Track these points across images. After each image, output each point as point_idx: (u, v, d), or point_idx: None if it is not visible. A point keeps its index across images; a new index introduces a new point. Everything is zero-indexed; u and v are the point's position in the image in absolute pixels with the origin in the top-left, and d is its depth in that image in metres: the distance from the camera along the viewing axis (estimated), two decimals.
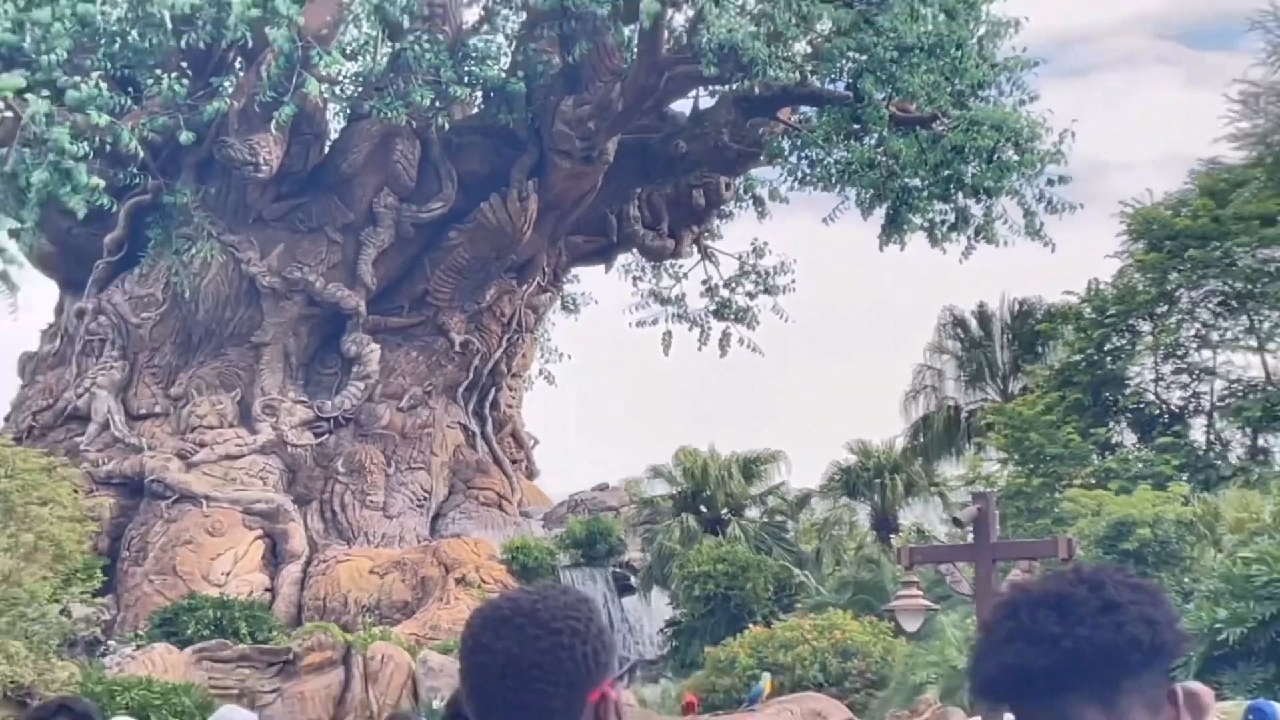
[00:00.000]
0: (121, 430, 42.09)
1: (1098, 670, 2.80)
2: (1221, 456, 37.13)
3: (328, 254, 42.43)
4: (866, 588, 34.62)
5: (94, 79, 38.54)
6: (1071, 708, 2.82)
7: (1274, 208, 37.44)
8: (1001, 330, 43.85)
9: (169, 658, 35.37)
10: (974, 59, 40.07)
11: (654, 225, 45.08)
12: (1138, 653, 2.77)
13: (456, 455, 43.91)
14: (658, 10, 38.90)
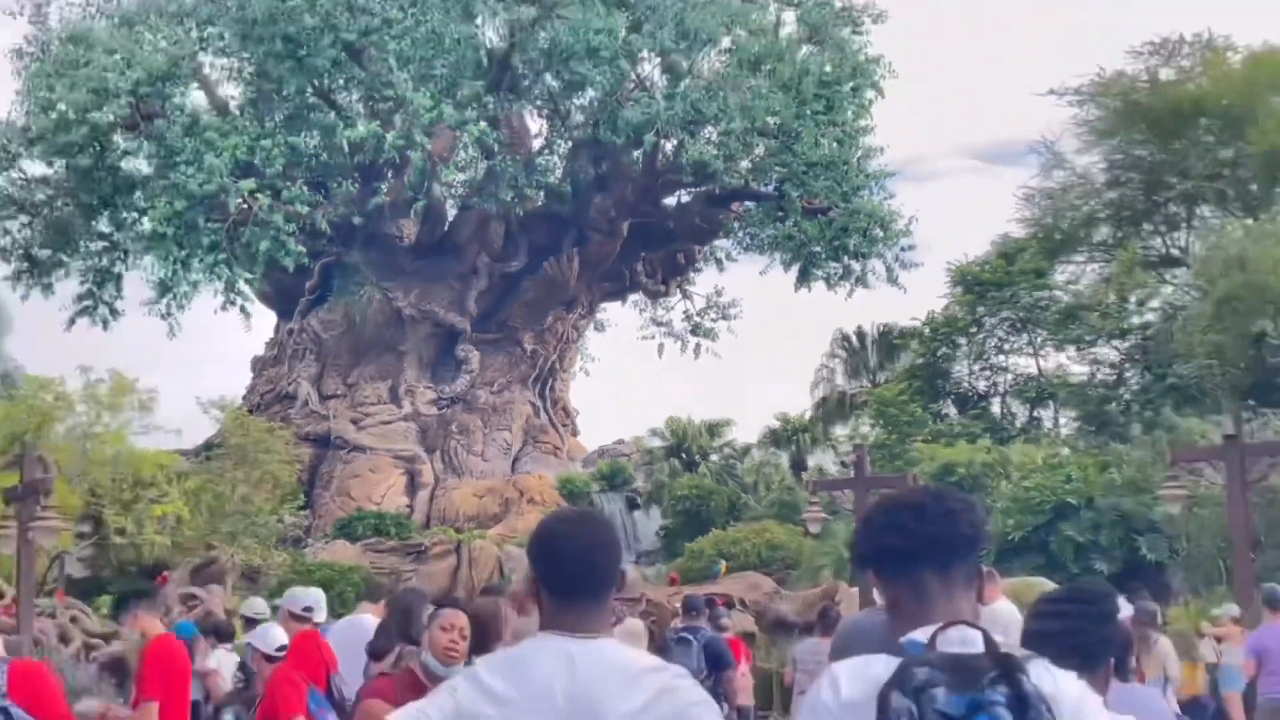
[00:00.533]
0: (316, 406, 42.75)
1: (938, 553, 2.91)
2: (1010, 423, 37.66)
3: (447, 294, 42.84)
4: (787, 506, 35.12)
5: (299, 183, 39.01)
6: (920, 576, 2.91)
7: (1044, 265, 38.17)
8: (872, 343, 43.95)
9: (345, 550, 36.05)
10: (855, 171, 40.56)
11: (652, 276, 45.53)
12: (964, 543, 2.92)
13: (527, 422, 44.27)
14: (655, 141, 39.57)
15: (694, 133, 39.70)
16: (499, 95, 40.31)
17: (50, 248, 42.61)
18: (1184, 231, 39.69)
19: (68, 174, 41.36)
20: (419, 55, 39.15)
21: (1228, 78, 36.08)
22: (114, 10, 42.98)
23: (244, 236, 38.50)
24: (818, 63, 40.69)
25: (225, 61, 43.20)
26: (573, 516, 3.80)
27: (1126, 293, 35.11)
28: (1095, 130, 39.14)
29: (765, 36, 41.02)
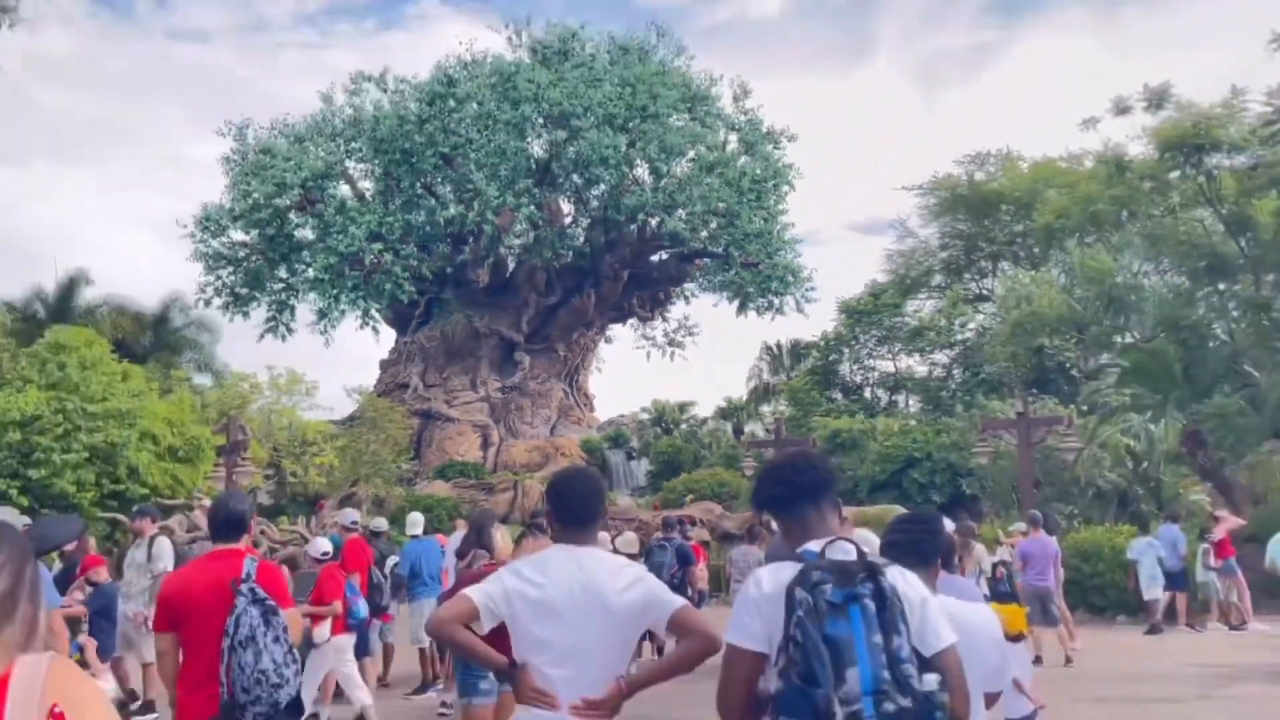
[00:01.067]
0: (422, 392, 42.64)
1: (810, 494, 2.90)
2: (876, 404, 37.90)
3: (508, 319, 42.85)
4: (730, 459, 35.21)
5: (411, 245, 39.24)
6: (801, 510, 2.89)
7: (899, 300, 38.38)
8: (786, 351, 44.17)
9: (440, 486, 35.95)
10: (776, 239, 40.62)
11: (643, 308, 45.38)
12: (825, 485, 2.94)
13: (560, 403, 44.17)
14: (644, 219, 39.91)
15: (670, 213, 39.69)
16: (542, 188, 40.40)
17: (247, 288, 42.63)
18: (990, 278, 39.94)
19: (259, 239, 41.42)
20: (490, 161, 39.35)
21: (1019, 178, 36.31)
22: (289, 132, 43.02)
23: (375, 281, 39.18)
24: (751, 168, 40.79)
25: (363, 165, 43.25)
26: (574, 472, 3.81)
27: (953, 319, 35.22)
28: (932, 212, 39.33)
29: (717, 150, 41.18)
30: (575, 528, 3.49)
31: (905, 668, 2.57)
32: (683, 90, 41.68)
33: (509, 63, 41.82)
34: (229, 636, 4.56)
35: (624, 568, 3.48)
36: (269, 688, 4.53)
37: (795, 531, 2.90)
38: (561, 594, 3.32)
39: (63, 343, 23.19)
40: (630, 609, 3.32)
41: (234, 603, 4.61)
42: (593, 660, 3.29)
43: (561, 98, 39.06)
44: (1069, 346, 30.01)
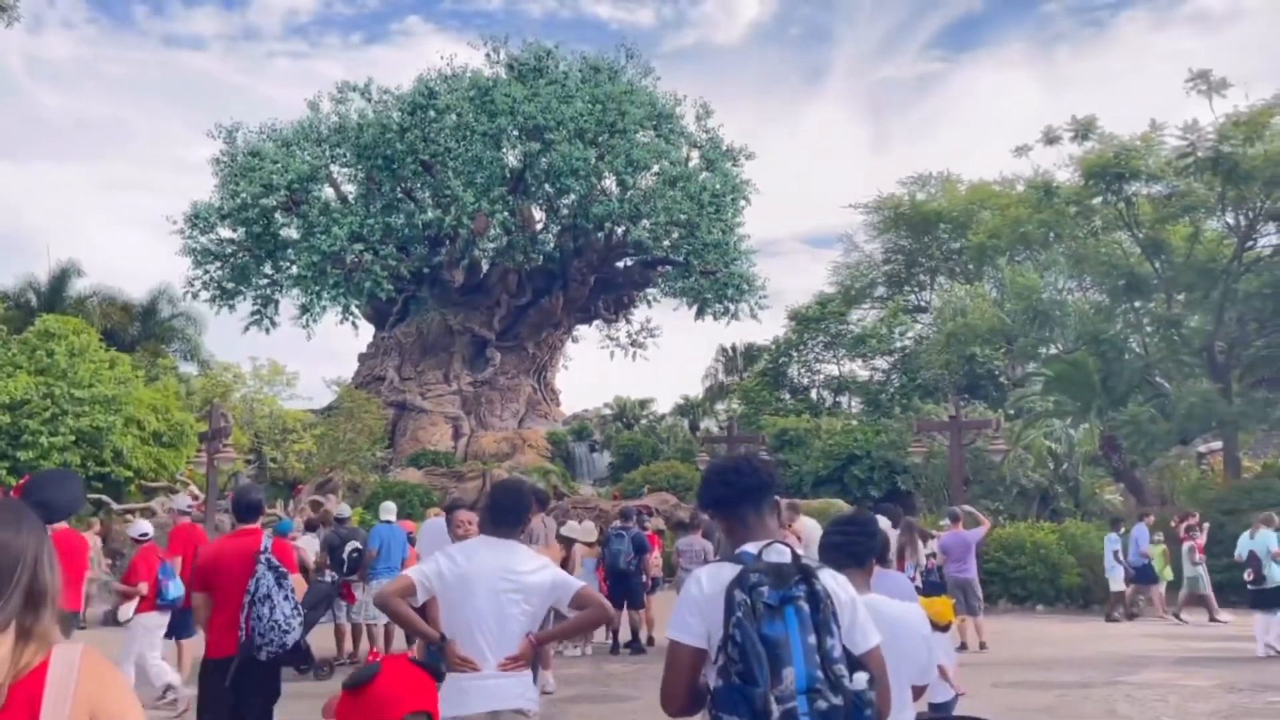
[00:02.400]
0: (397, 384, 42.10)
1: (751, 496, 2.85)
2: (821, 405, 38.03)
3: (480, 317, 42.43)
4: (686, 452, 35.19)
5: (390, 246, 38.75)
6: (743, 511, 2.84)
7: (844, 309, 38.45)
8: (739, 354, 44.24)
9: (413, 474, 35.55)
10: (732, 249, 40.49)
11: (608, 310, 45.15)
12: (766, 489, 2.87)
13: (528, 397, 43.83)
14: (611, 227, 39.62)
15: (635, 222, 39.58)
16: (516, 196, 40.04)
17: (234, 283, 41.83)
18: (928, 291, 40.26)
19: (246, 237, 40.66)
20: (467, 169, 38.97)
21: (957, 198, 36.61)
22: (277, 136, 42.35)
23: (355, 279, 38.74)
24: (711, 183, 40.65)
25: (346, 170, 42.64)
26: (510, 483, 4.46)
27: (893, 328, 35.43)
28: (876, 228, 39.54)
29: (679, 165, 40.97)
30: (502, 526, 4.04)
31: (837, 667, 2.55)
32: (649, 108, 41.55)
33: (487, 78, 41.49)
34: (250, 594, 5.49)
35: (534, 557, 4.04)
36: (280, 633, 5.44)
37: (736, 532, 2.86)
38: (483, 574, 3.82)
39: (52, 330, 22.68)
40: (540, 587, 3.88)
41: (255, 569, 5.54)
42: (508, 630, 3.81)
43: (535, 112, 38.80)
44: (998, 356, 30.33)
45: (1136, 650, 13.40)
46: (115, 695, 1.84)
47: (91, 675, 1.82)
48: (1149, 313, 20.39)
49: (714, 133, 43.09)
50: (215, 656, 5.59)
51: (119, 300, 35.08)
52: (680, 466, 32.46)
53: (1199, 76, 19.10)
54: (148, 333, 35.24)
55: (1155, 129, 20.03)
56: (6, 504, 1.97)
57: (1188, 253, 20.38)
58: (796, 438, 29.18)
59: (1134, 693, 10.35)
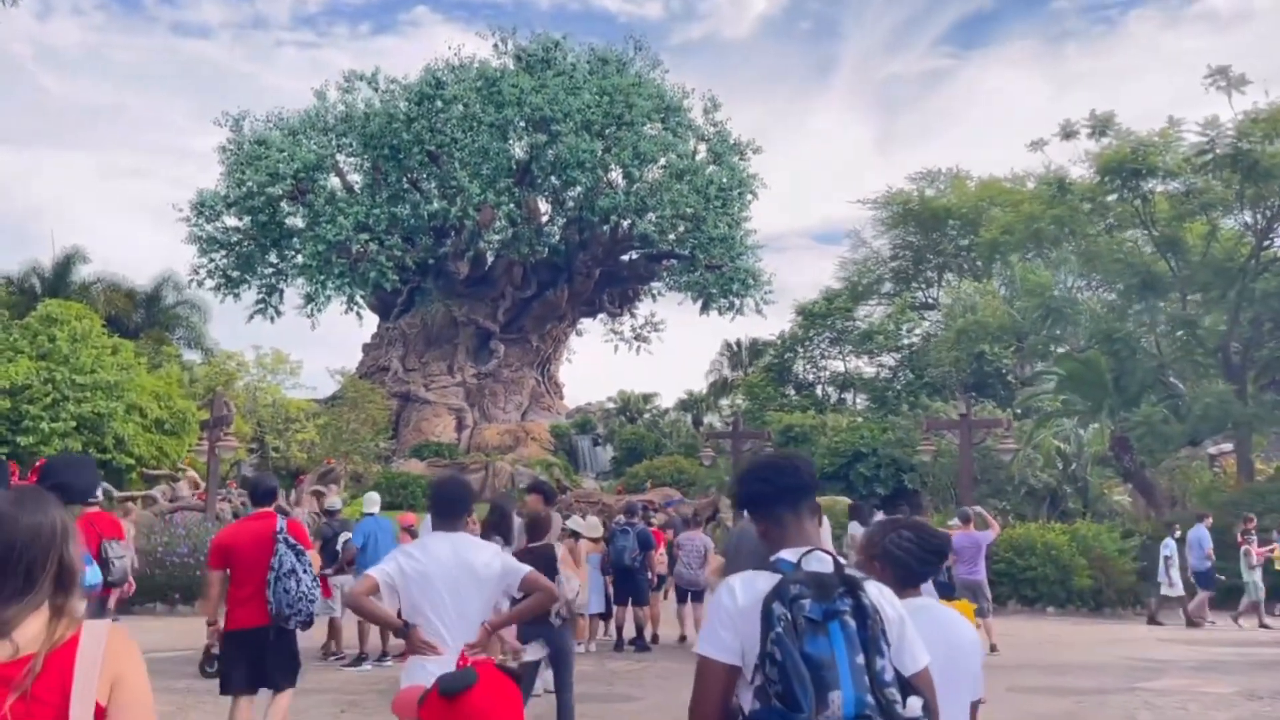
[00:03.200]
0: (402, 375, 41.86)
1: (790, 496, 2.60)
2: (827, 401, 37.56)
3: (485, 309, 42.17)
4: (689, 447, 34.76)
5: (396, 236, 38.42)
6: (780, 513, 2.59)
7: (851, 305, 38.04)
8: (745, 349, 43.78)
9: (416, 465, 35.30)
10: (738, 244, 40.16)
11: (613, 303, 44.80)
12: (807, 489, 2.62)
13: (532, 390, 43.55)
14: (617, 220, 39.18)
15: (641, 216, 39.53)
16: (522, 188, 39.88)
17: (239, 271, 41.68)
18: (936, 288, 39.81)
19: (251, 225, 40.54)
20: (473, 160, 38.78)
21: (966, 195, 36.19)
22: (284, 124, 42.10)
23: (360, 269, 38.96)
24: (718, 176, 40.40)
25: (353, 159, 42.40)
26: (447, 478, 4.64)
27: (900, 324, 34.96)
28: (884, 224, 39.13)
29: (686, 159, 40.78)
30: (448, 519, 4.25)
31: (889, 691, 2.27)
32: (656, 101, 41.21)
33: (494, 68, 41.17)
34: (274, 571, 6.01)
35: (485, 547, 4.27)
36: (306, 603, 6.06)
37: (772, 534, 2.59)
38: (439, 567, 4.04)
39: (54, 315, 22.36)
40: (492, 576, 4.10)
41: (275, 548, 6.06)
42: (466, 616, 4.02)
43: (543, 103, 38.48)
44: (1006, 354, 29.94)
45: (1153, 655, 13.01)
46: (133, 667, 2.01)
47: (116, 649, 1.99)
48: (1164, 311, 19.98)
49: (721, 126, 42.96)
50: (237, 628, 6.13)
51: (123, 287, 34.77)
52: (683, 461, 32.12)
53: (1218, 73, 18.65)
54: (152, 320, 34.91)
55: (1173, 125, 19.61)
56: (31, 490, 2.08)
57: (1204, 251, 19.97)
58: (802, 434, 28.84)
59: (1153, 700, 9.98)
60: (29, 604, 1.93)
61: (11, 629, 1.91)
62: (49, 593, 1.96)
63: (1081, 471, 24.76)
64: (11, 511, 1.97)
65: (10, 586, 1.92)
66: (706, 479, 29.55)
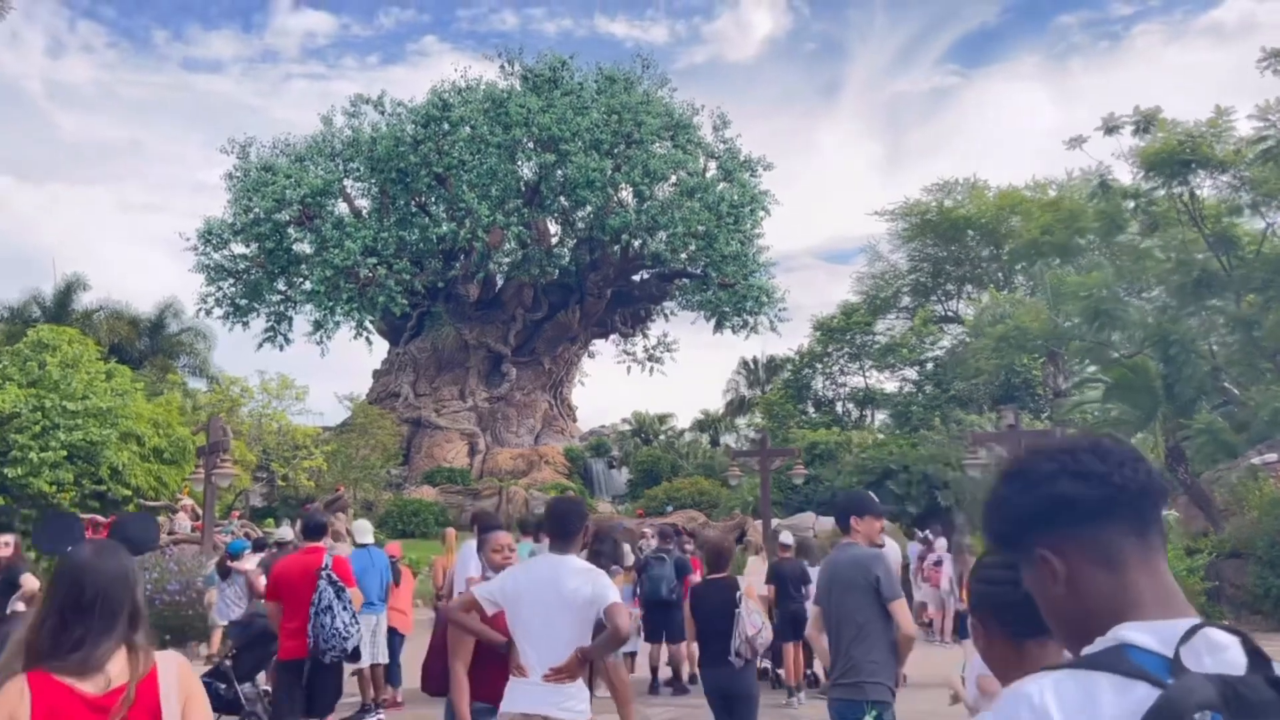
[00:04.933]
0: (412, 400, 40.43)
1: (1134, 505, 1.25)
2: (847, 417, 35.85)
3: (496, 332, 40.80)
4: (707, 468, 33.29)
5: (404, 260, 37.12)
6: (1112, 538, 1.25)
7: (870, 319, 36.37)
8: (761, 366, 42.26)
9: (428, 491, 33.85)
10: (751, 261, 38.81)
11: (625, 324, 43.44)
12: (1159, 496, 1.28)
13: (545, 413, 42.12)
14: (628, 239, 37.99)
15: (652, 234, 38.12)
16: (531, 208, 38.69)
17: (247, 299, 40.50)
18: (956, 301, 38.11)
19: (259, 252, 39.39)
20: (481, 182, 37.60)
21: (985, 205, 34.59)
22: (290, 151, 41.10)
23: (369, 293, 37.88)
24: (729, 194, 39.03)
25: (360, 184, 41.25)
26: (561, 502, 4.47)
27: (924, 337, 33.25)
28: (901, 237, 37.55)
29: (697, 176, 39.52)
30: (563, 540, 4.12)
31: None
32: (665, 119, 39.97)
33: (501, 89, 40.06)
34: (314, 605, 6.18)
35: (580, 573, 4.03)
36: (340, 639, 6.14)
37: (1095, 583, 1.25)
38: (532, 589, 3.98)
39: (45, 341, 20.78)
40: (579, 601, 3.94)
41: (317, 583, 6.24)
42: (554, 639, 3.89)
43: (551, 123, 37.28)
44: (1036, 365, 28.24)
45: None
46: (198, 688, 2.38)
47: (185, 674, 2.36)
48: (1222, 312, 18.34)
49: (731, 143, 41.66)
50: (285, 659, 6.41)
51: (126, 315, 33.30)
52: (704, 482, 30.42)
53: (1273, 55, 17.15)
54: (156, 348, 33.43)
55: (1221, 114, 18.09)
56: (107, 543, 2.50)
57: (1258, 248, 18.37)
58: (827, 451, 27.02)
59: None
60: (113, 641, 2.27)
61: (103, 664, 2.25)
62: (125, 631, 2.31)
63: None
64: (94, 562, 2.33)
65: (98, 627, 2.26)
66: (730, 500, 27.83)
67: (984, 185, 35.45)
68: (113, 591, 2.25)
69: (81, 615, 2.23)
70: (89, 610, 2.22)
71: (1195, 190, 18.66)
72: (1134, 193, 19.12)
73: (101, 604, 2.23)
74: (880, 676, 4.79)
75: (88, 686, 2.17)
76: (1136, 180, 19.11)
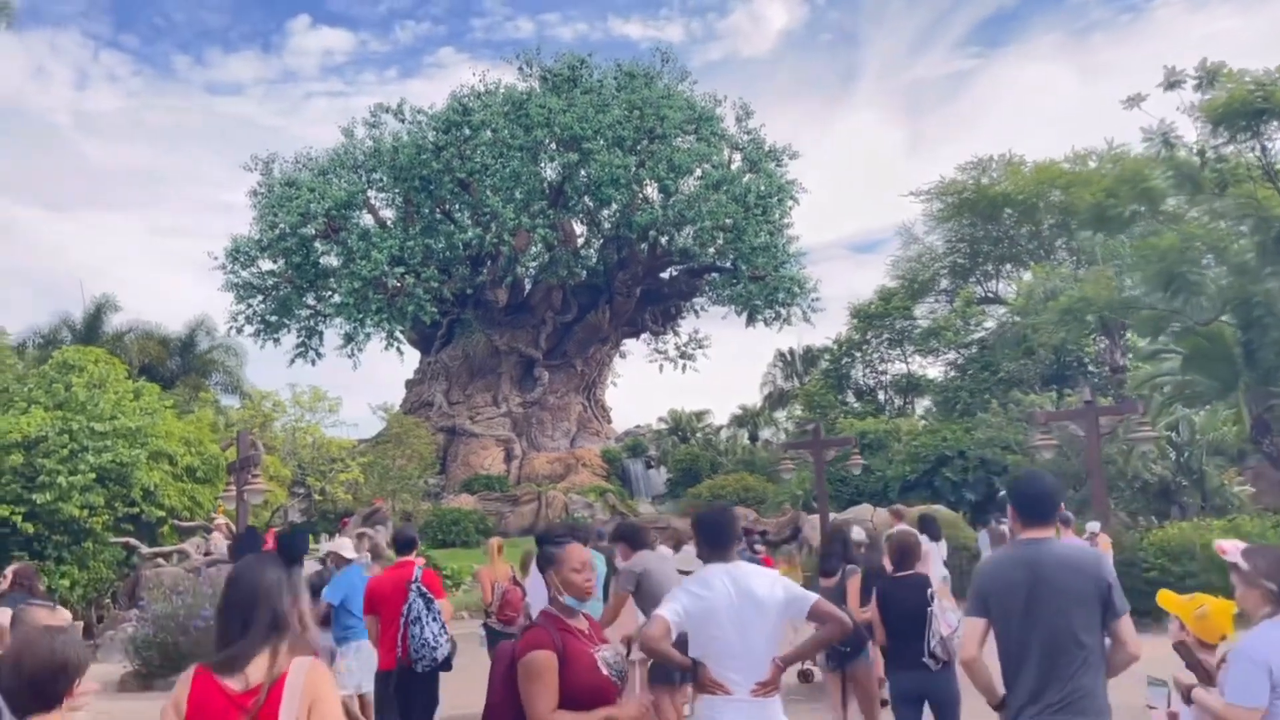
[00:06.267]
0: (446, 409, 39.36)
1: None
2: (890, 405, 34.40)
3: (527, 336, 39.69)
4: (747, 464, 32.01)
5: (431, 268, 36.12)
6: None
7: (908, 302, 34.79)
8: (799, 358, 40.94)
9: (466, 499, 32.84)
10: (781, 252, 37.39)
11: (655, 322, 42.20)
12: None
13: (579, 415, 40.99)
14: (655, 236, 36.67)
15: (679, 229, 36.89)
16: (556, 210, 37.49)
17: (277, 315, 39.59)
18: (996, 281, 36.48)
19: (286, 268, 38.45)
20: (505, 185, 36.53)
21: (1022, 181, 32.94)
22: (313, 165, 40.23)
23: (398, 303, 36.65)
24: (756, 185, 37.57)
25: (383, 194, 40.32)
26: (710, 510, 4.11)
27: (969, 318, 31.61)
28: (935, 218, 35.93)
29: (722, 169, 38.06)
30: (719, 549, 3.91)
31: None
32: (688, 112, 38.65)
33: (521, 91, 38.95)
34: (405, 617, 6.55)
35: (765, 574, 3.90)
36: (430, 650, 6.50)
37: None
38: (723, 601, 3.72)
39: (71, 362, 19.85)
40: (776, 604, 3.72)
41: (408, 596, 6.61)
42: (753, 651, 3.68)
43: (572, 122, 36.14)
44: (1088, 341, 26.67)
45: None
46: (327, 693, 2.48)
47: (314, 679, 2.47)
48: None
49: (756, 133, 40.22)
50: (383, 669, 6.65)
51: (156, 335, 32.46)
52: (750, 479, 29.06)
53: None
54: (187, 367, 32.58)
55: None
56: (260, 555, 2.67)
57: None
58: (876, 441, 25.59)
59: None
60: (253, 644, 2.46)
61: (244, 665, 2.45)
62: (268, 635, 2.49)
63: (1196, 461, 21.47)
64: (243, 572, 2.57)
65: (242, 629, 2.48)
66: (778, 495, 26.47)
67: (1019, 161, 33.81)
68: (255, 598, 2.49)
69: (230, 618, 2.49)
70: (235, 614, 2.48)
71: (1266, 143, 17.13)
72: (1200, 150, 17.63)
73: (245, 609, 2.48)
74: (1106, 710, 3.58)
75: (232, 683, 2.41)
76: (1202, 137, 17.61)
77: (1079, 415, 15.35)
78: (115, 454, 18.59)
